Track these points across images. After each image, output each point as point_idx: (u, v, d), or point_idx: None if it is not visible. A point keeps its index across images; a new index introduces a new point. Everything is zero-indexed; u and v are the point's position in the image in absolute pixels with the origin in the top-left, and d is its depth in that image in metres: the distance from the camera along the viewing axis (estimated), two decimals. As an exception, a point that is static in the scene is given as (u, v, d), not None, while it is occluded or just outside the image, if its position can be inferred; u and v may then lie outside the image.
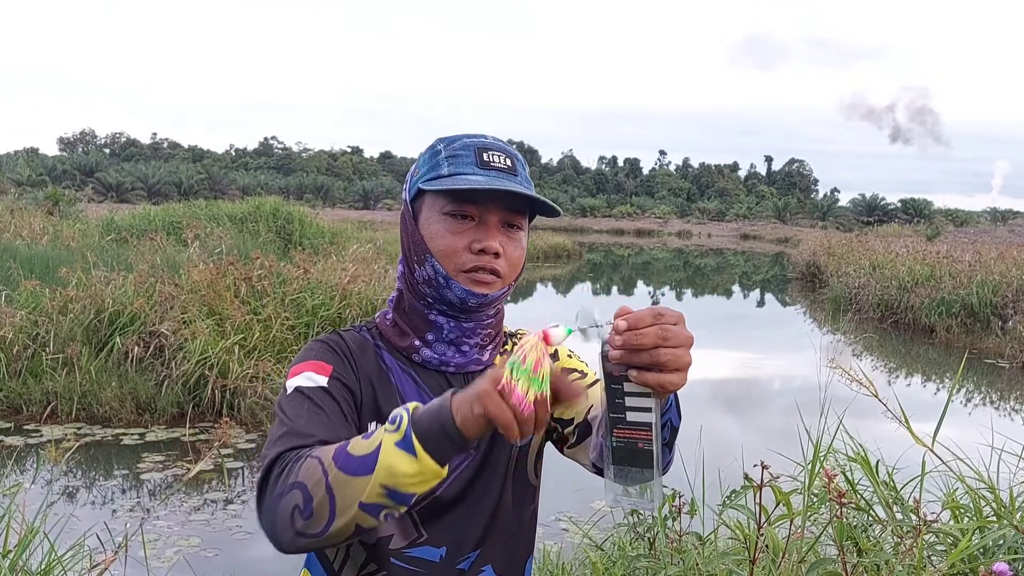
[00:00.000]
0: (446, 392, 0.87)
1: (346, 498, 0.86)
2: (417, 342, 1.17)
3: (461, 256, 1.11)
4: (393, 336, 1.19)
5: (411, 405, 0.88)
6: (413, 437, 0.84)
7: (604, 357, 0.87)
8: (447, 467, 0.86)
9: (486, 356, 1.20)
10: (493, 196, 1.10)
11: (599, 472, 1.22)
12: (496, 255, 1.11)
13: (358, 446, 0.88)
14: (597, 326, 0.87)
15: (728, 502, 1.76)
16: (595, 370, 1.26)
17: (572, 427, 1.24)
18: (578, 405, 1.23)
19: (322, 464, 0.89)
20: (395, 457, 0.84)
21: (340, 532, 0.88)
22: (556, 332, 0.84)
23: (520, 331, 1.32)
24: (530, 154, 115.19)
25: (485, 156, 1.12)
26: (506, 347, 1.26)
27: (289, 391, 1.08)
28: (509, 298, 1.20)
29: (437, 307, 1.15)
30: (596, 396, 1.25)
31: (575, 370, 1.29)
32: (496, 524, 1.19)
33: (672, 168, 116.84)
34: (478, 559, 1.16)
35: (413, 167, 1.19)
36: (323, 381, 1.09)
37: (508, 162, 1.13)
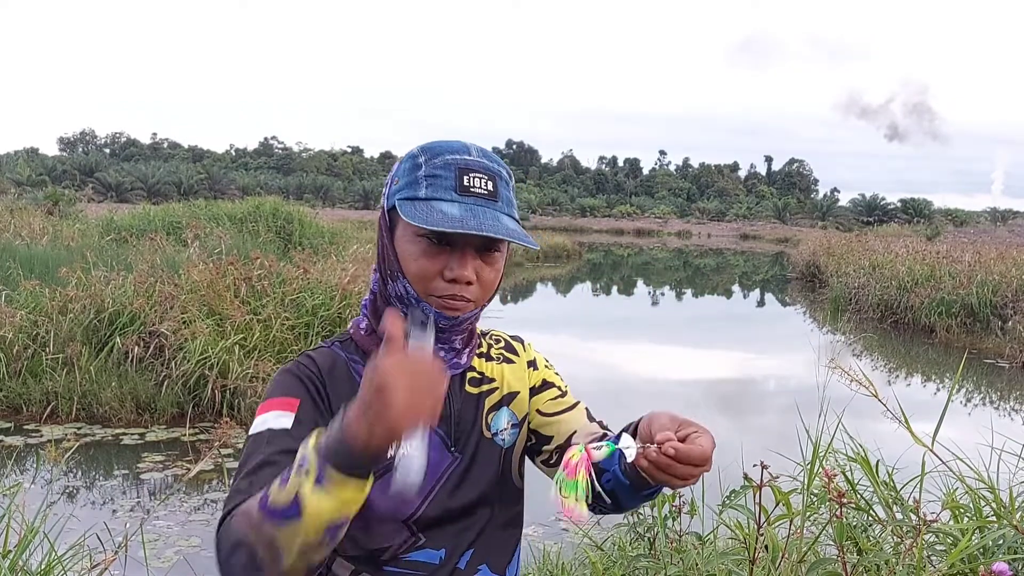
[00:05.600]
0: (340, 414, 0.88)
1: (287, 544, 0.88)
2: None
3: (433, 282, 1.08)
4: (370, 345, 1.16)
5: (311, 440, 0.89)
6: (329, 474, 0.86)
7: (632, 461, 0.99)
8: (370, 478, 0.89)
9: (464, 359, 1.19)
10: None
11: None
12: (468, 283, 1.08)
13: (277, 496, 0.88)
14: (636, 447, 0.96)
15: (728, 502, 1.76)
16: (578, 399, 1.29)
17: (551, 447, 1.25)
18: (560, 425, 1.25)
19: (250, 519, 0.91)
20: (317, 500, 0.86)
21: (297, 567, 0.91)
22: (597, 453, 0.96)
23: (493, 331, 1.32)
24: (530, 154, 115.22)
25: (465, 180, 1.07)
26: (480, 349, 1.25)
27: (252, 433, 1.05)
28: (510, 298, 1.20)
29: None
30: (579, 420, 1.26)
31: (554, 385, 1.29)
32: (489, 524, 1.19)
33: (672, 168, 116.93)
34: (473, 557, 1.16)
35: (393, 172, 1.14)
36: (288, 422, 1.05)
37: (489, 186, 1.08)
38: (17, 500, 2.67)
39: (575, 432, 1.24)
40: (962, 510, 2.27)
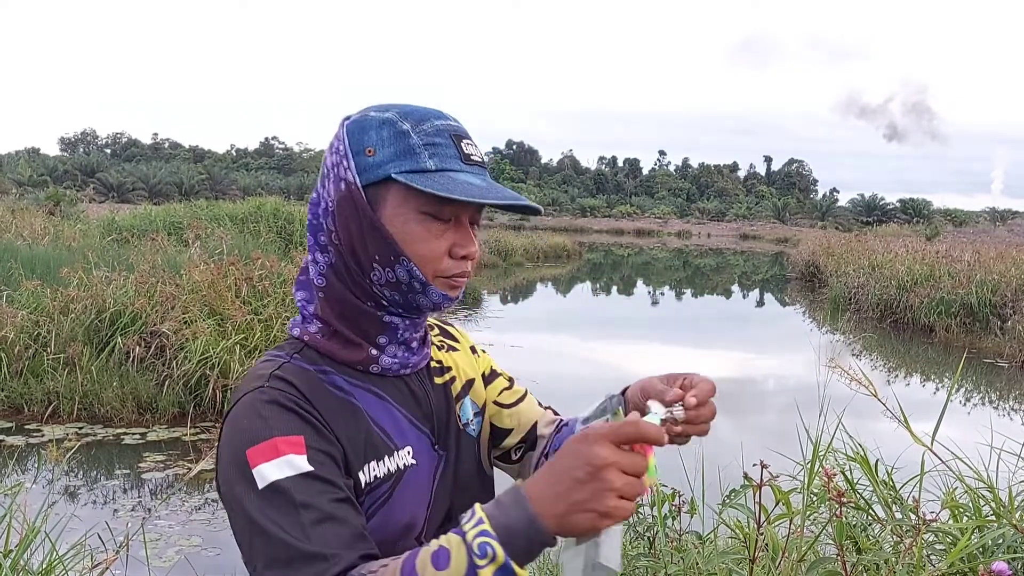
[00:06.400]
0: (518, 493, 0.80)
1: None
2: (374, 351, 1.01)
3: (443, 262, 0.98)
4: (338, 350, 1.00)
5: (484, 521, 0.79)
6: (513, 565, 0.78)
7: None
8: None
9: (428, 348, 1.11)
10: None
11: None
12: (472, 259, 1.02)
13: None
14: (670, 414, 0.96)
15: (728, 501, 1.76)
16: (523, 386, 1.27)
17: (514, 440, 1.21)
18: (519, 416, 1.21)
19: None
20: None
21: None
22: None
23: None
24: (530, 154, 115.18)
25: (464, 148, 0.98)
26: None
27: (262, 487, 0.85)
28: (510, 298, 1.19)
29: (392, 309, 1.01)
30: (536, 409, 1.24)
31: (500, 374, 1.24)
32: None
33: (672, 168, 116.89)
34: None
35: (354, 139, 0.97)
36: (303, 464, 0.87)
37: (481, 153, 1.01)
38: (19, 500, 2.68)
39: (536, 423, 1.22)
40: (961, 509, 2.28)
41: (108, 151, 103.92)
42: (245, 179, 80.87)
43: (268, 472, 0.86)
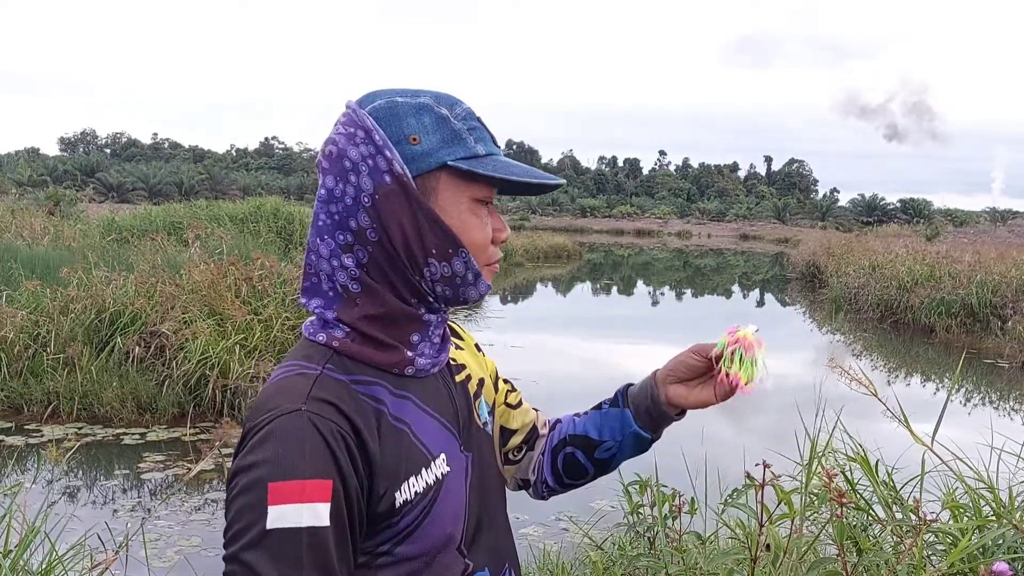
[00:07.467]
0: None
1: None
2: (409, 353, 0.95)
3: (488, 249, 0.96)
4: (374, 354, 0.93)
5: None
6: None
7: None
8: None
9: (449, 344, 1.06)
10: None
11: (521, 487, 1.24)
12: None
13: None
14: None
15: (730, 500, 1.76)
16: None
17: (518, 440, 1.21)
18: (524, 416, 1.22)
19: None
20: None
21: None
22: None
23: None
24: (530, 154, 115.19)
25: (490, 130, 0.98)
26: None
27: (272, 527, 0.80)
28: (510, 298, 1.19)
29: (435, 305, 0.96)
30: (532, 411, 1.24)
31: (499, 375, 1.22)
32: (504, 526, 1.10)
33: (672, 168, 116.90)
34: (510, 570, 1.08)
35: (390, 127, 0.91)
36: (324, 516, 0.81)
37: None
38: (18, 500, 2.68)
39: (534, 423, 1.23)
40: (962, 510, 2.28)
41: (108, 151, 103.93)
42: (245, 179, 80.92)
43: (286, 514, 0.80)
